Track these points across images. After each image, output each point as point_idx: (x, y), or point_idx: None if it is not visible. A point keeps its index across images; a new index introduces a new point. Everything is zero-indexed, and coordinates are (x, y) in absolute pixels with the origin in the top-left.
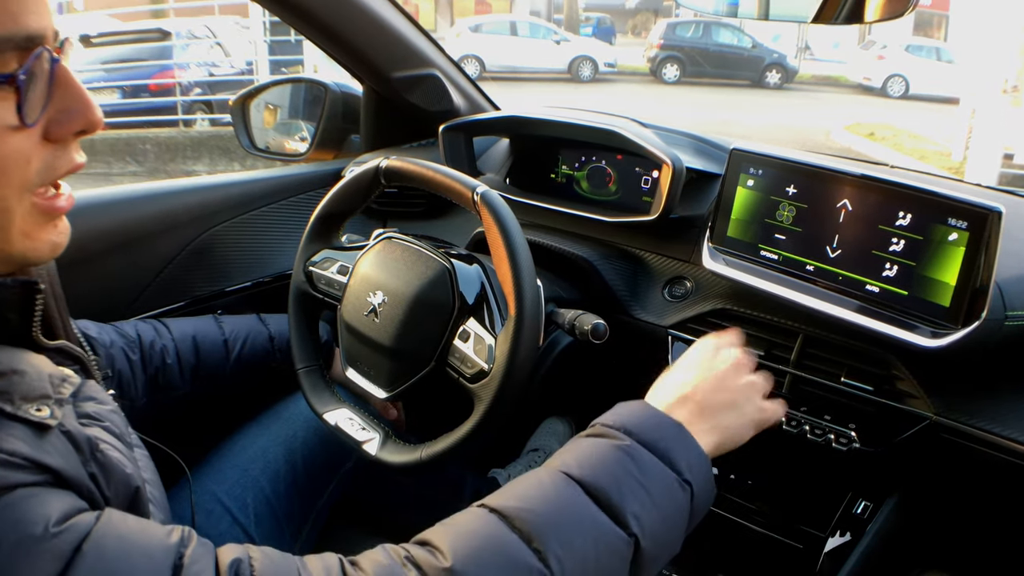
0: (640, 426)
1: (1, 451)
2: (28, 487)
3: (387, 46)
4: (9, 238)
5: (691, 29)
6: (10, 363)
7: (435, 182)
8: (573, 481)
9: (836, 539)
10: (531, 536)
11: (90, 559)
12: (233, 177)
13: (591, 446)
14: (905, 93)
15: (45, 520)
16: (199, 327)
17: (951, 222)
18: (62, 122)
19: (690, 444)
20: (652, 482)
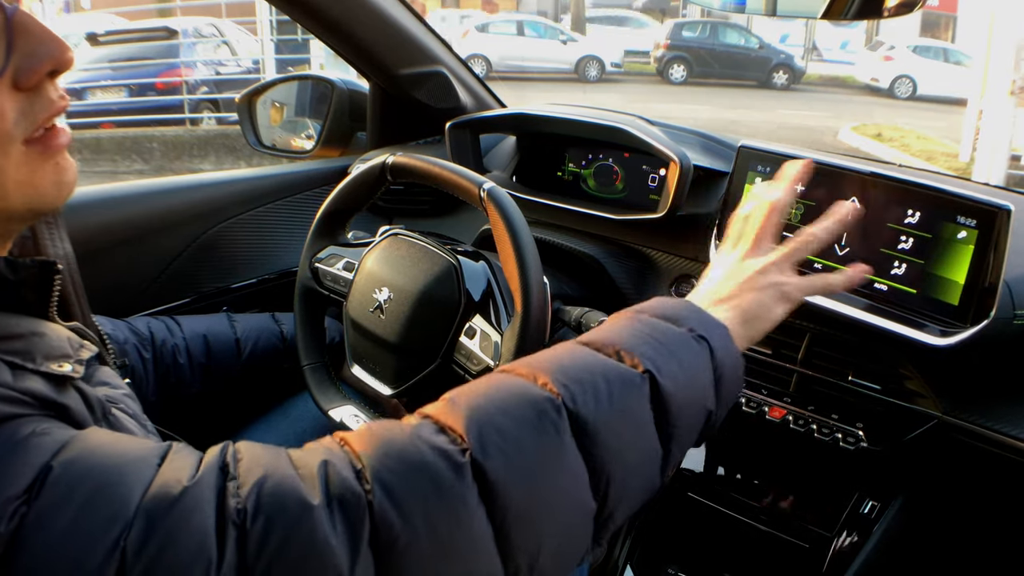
0: (650, 305)
1: (14, 388)
2: (31, 417)
3: (394, 43)
4: (6, 193)
5: (698, 29)
6: (29, 327)
7: (442, 179)
8: (580, 344)
9: (843, 539)
10: (536, 375)
11: (77, 447)
12: (239, 174)
13: (608, 323)
14: (912, 94)
15: (32, 427)
16: (211, 325)
17: (960, 220)
18: (30, 67)
19: (701, 312)
20: (661, 335)
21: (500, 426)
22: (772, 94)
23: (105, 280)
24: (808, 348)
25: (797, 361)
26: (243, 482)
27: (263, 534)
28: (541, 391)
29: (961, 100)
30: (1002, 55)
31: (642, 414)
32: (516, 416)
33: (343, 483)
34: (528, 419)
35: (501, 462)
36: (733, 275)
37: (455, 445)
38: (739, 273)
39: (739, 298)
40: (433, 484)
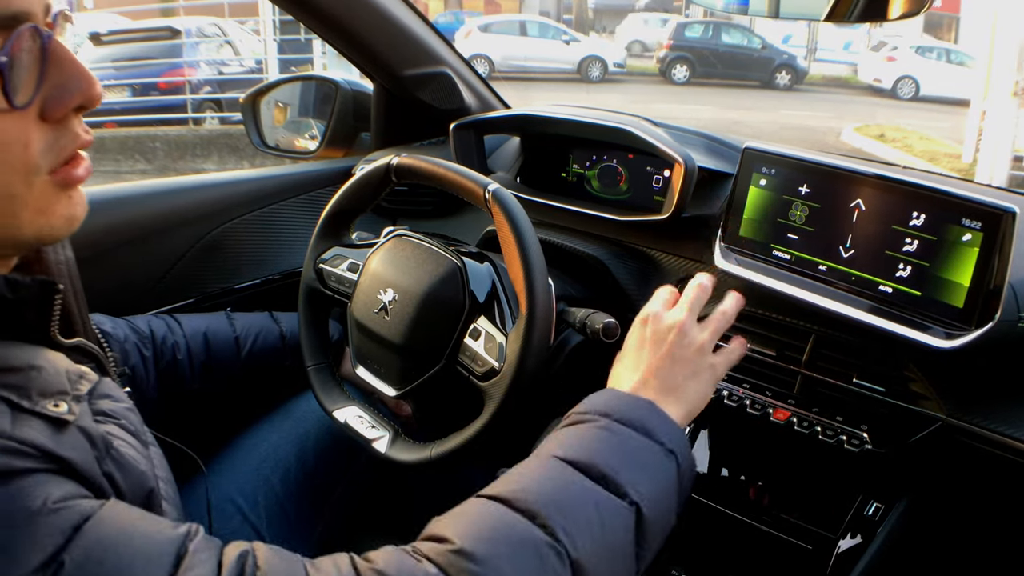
0: (613, 407)
1: (13, 439)
2: (34, 473)
3: (398, 44)
4: (19, 223)
5: (701, 30)
6: (27, 359)
7: (446, 180)
8: (563, 462)
9: (847, 541)
10: (535, 513)
11: (90, 538)
12: (244, 174)
13: (572, 432)
14: (915, 95)
15: (45, 496)
16: (211, 323)
17: (965, 222)
18: (59, 99)
19: (662, 416)
20: (639, 453)
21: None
22: (775, 95)
23: (109, 280)
24: (812, 350)
25: (801, 363)
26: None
27: None
28: (543, 536)
29: (964, 101)
30: (1005, 56)
31: (627, 544)
32: (523, 568)
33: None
34: (534, 569)
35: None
36: (666, 345)
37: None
38: (673, 344)
39: (685, 386)
40: None
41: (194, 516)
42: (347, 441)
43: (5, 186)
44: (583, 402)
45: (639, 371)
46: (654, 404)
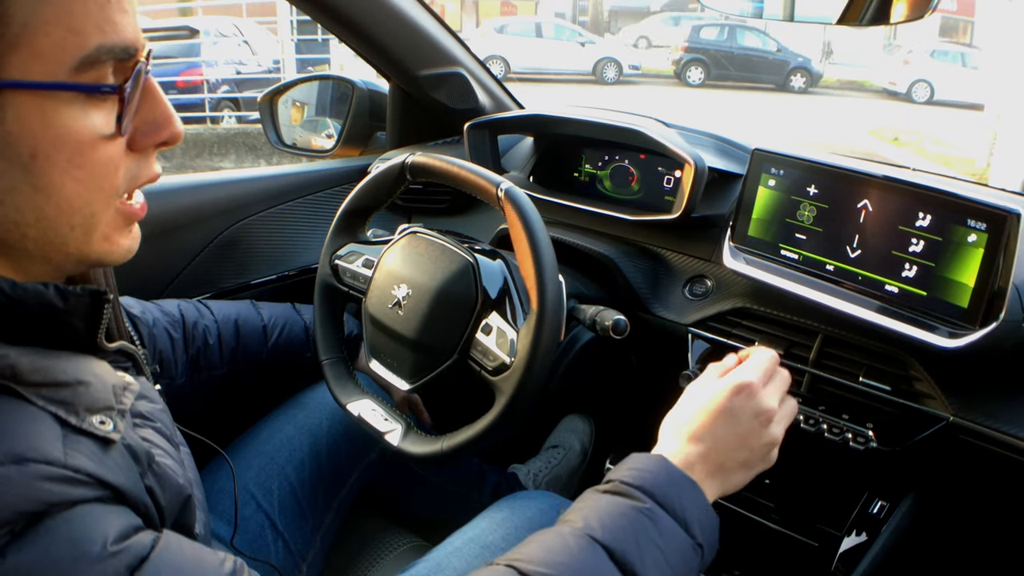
0: (657, 486)
1: (67, 467)
2: (89, 503)
3: (414, 44)
4: (90, 241)
5: (716, 32)
6: (76, 373)
7: (460, 178)
8: (598, 545)
9: (852, 538)
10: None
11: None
12: (261, 172)
13: (614, 507)
14: (930, 98)
15: (103, 538)
16: (240, 311)
17: (970, 223)
18: (147, 133)
19: (703, 506)
20: (670, 548)
21: None
22: (789, 97)
23: (128, 276)
24: (820, 349)
25: (809, 362)
26: None
27: None
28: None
29: (979, 105)
30: (1020, 59)
31: None
32: None
33: None
34: None
35: None
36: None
37: None
38: (743, 428)
39: (734, 474)
40: None
41: (213, 505)
42: (360, 433)
43: (90, 204)
44: (630, 464)
45: (703, 442)
46: (699, 490)
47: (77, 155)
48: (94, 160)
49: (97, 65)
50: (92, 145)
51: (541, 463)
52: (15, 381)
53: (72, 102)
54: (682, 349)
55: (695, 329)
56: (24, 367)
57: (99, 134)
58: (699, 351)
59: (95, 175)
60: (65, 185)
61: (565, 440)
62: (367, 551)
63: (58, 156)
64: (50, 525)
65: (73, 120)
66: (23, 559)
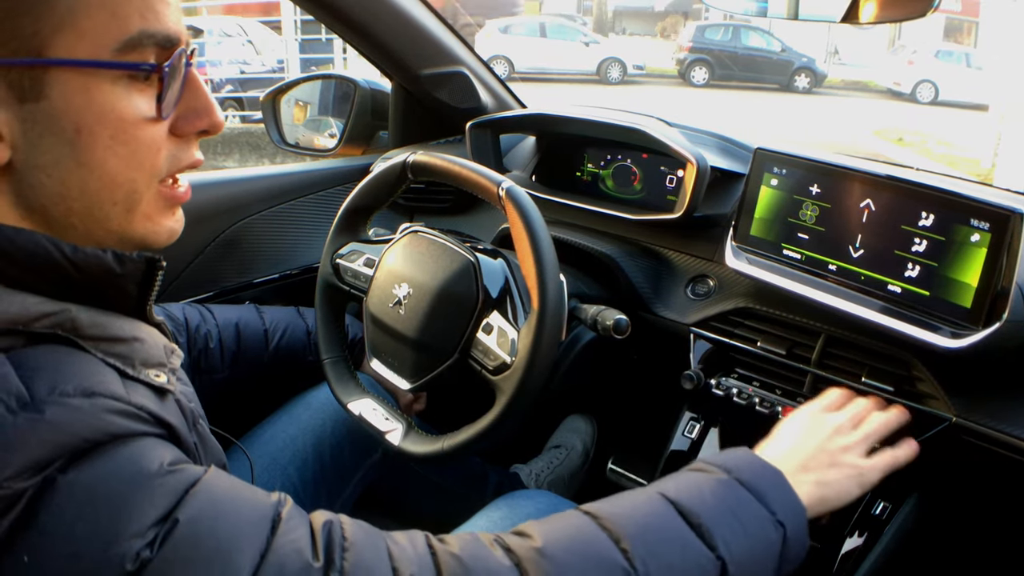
0: (739, 466)
1: (131, 403)
2: (149, 437)
3: (416, 43)
4: (132, 220)
5: (720, 32)
6: (131, 331)
7: (461, 177)
8: (666, 500)
9: (854, 539)
10: (620, 536)
11: (199, 500)
12: (263, 170)
13: (691, 476)
14: (935, 99)
15: (160, 460)
16: (242, 315)
17: (973, 223)
18: (189, 119)
19: (786, 489)
20: (745, 514)
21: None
22: (793, 97)
23: None
24: (822, 349)
25: (811, 362)
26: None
27: None
28: (621, 560)
29: (983, 105)
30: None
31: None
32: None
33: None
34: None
35: None
36: (815, 434)
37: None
38: (821, 434)
39: (823, 472)
40: None
41: None
42: (362, 433)
43: (132, 182)
44: (715, 454)
45: (781, 448)
46: (783, 476)
47: (120, 132)
48: (137, 139)
49: (139, 48)
50: (135, 124)
51: (543, 463)
52: (76, 335)
53: (116, 82)
54: (684, 349)
55: (697, 329)
56: (84, 322)
57: (142, 115)
58: (701, 351)
59: (137, 153)
60: (108, 161)
61: (567, 440)
62: None
63: (102, 132)
64: (111, 451)
65: (116, 99)
66: (86, 473)
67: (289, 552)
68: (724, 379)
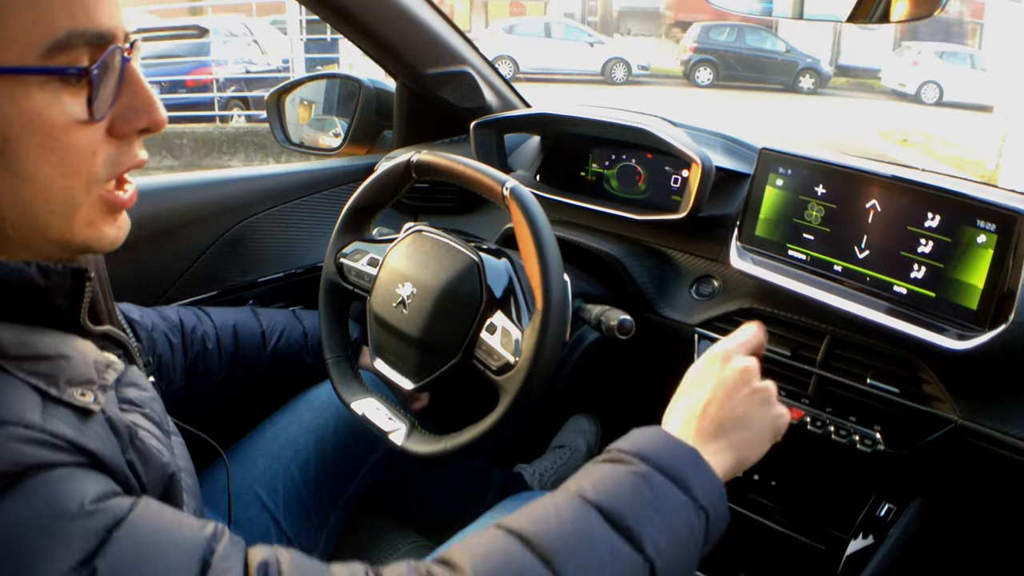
0: (655, 452)
1: (44, 431)
2: (67, 467)
3: (421, 43)
4: (72, 227)
5: (725, 33)
6: (57, 348)
7: (465, 176)
8: (590, 505)
9: (859, 541)
10: (549, 558)
11: (123, 543)
12: (267, 170)
13: (607, 471)
14: (939, 100)
15: (81, 498)
16: (239, 317)
17: (980, 224)
18: (128, 119)
19: (704, 469)
20: (667, 507)
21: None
22: (798, 98)
23: (134, 273)
24: (827, 350)
25: (816, 363)
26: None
27: None
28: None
29: (988, 106)
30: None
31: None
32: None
33: None
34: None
35: None
36: (723, 385)
37: None
38: (729, 385)
39: (737, 433)
40: None
41: (215, 503)
42: (365, 433)
43: (68, 190)
44: (627, 436)
45: (692, 409)
46: (699, 455)
47: (50, 139)
48: (68, 145)
49: (68, 50)
50: (65, 129)
51: (547, 463)
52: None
53: (44, 86)
54: (689, 349)
55: (702, 329)
56: (5, 340)
57: (73, 119)
58: (705, 352)
59: (70, 160)
60: (40, 169)
61: (571, 440)
62: (372, 551)
63: (31, 140)
64: (28, 486)
65: (45, 104)
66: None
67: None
68: None
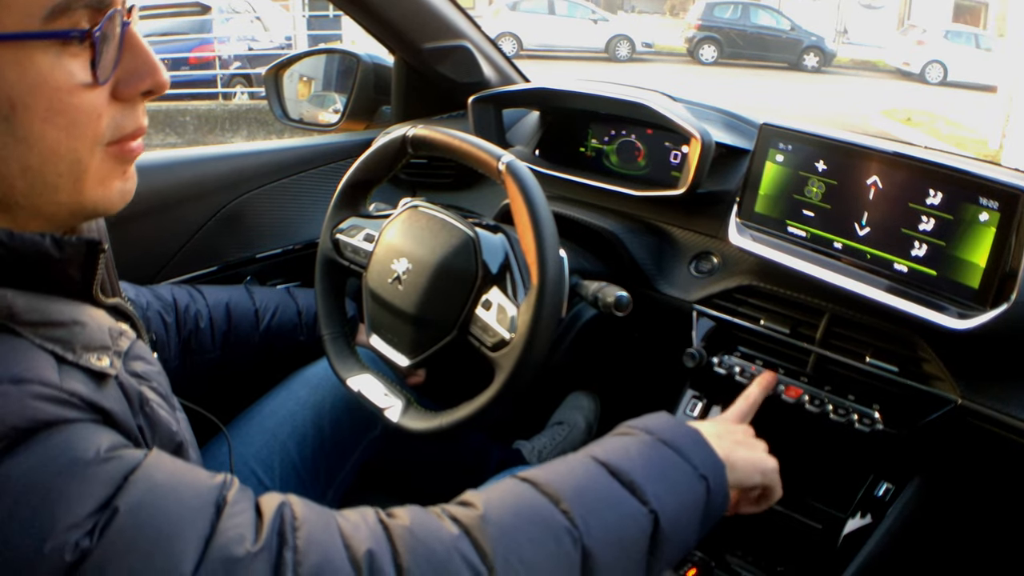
0: (661, 428)
1: (62, 390)
2: (82, 423)
3: (419, 17)
4: (82, 188)
5: (730, 10)
6: (72, 314)
7: (461, 151)
8: (599, 463)
9: (856, 521)
10: (559, 498)
11: (139, 487)
12: (264, 145)
13: (617, 439)
14: (943, 79)
15: (96, 447)
16: (232, 295)
17: (982, 202)
18: (130, 82)
19: (706, 447)
20: (671, 470)
21: (524, 558)
22: (802, 76)
23: (132, 249)
24: (826, 328)
25: (815, 341)
26: (300, 560)
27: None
28: (563, 520)
29: (992, 86)
30: None
31: (639, 546)
32: (539, 546)
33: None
34: (549, 550)
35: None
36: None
37: (486, 569)
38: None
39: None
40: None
41: None
42: (362, 410)
43: (73, 151)
44: (636, 419)
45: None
46: (700, 433)
47: (56, 103)
48: (74, 108)
49: (69, 13)
50: (70, 93)
51: (546, 439)
52: (12, 320)
53: (47, 51)
54: (687, 327)
55: (700, 306)
56: (21, 307)
57: (77, 82)
58: (704, 329)
59: (76, 123)
60: (46, 134)
61: (570, 417)
62: None
63: (37, 105)
64: (44, 439)
65: (49, 69)
66: (19, 465)
67: (234, 536)
68: (726, 357)
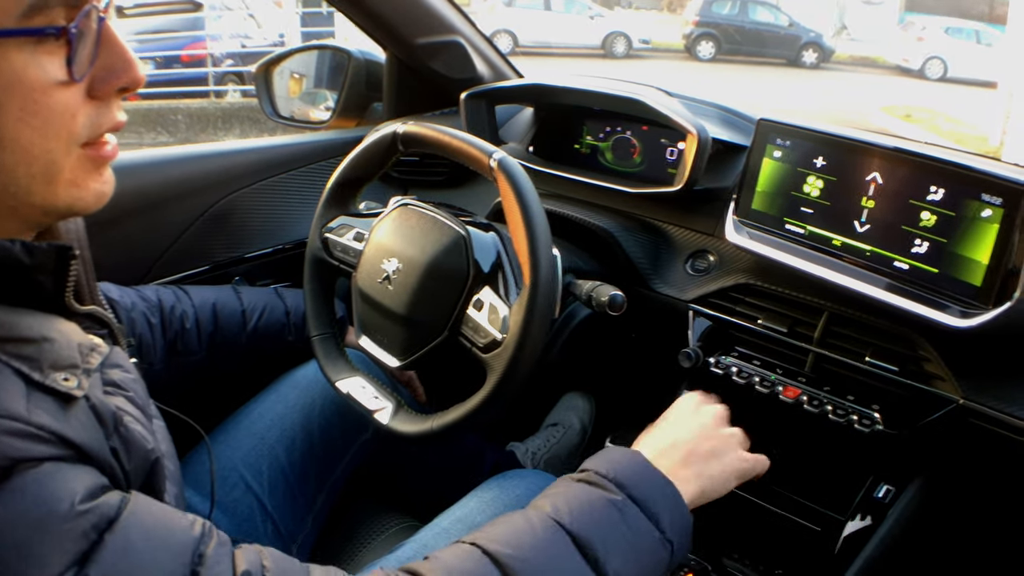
0: (632, 480)
1: (29, 423)
2: (53, 461)
3: (411, 12)
4: (55, 190)
5: (727, 6)
6: (40, 330)
7: (452, 147)
8: (563, 530)
9: (856, 523)
10: (512, 570)
11: (114, 546)
12: (254, 143)
13: (584, 494)
14: (943, 75)
15: (71, 497)
16: (219, 296)
17: (985, 198)
18: (106, 79)
19: (676, 501)
20: (637, 539)
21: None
22: (801, 73)
23: (119, 249)
24: (825, 327)
25: (813, 340)
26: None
27: None
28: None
29: (992, 82)
30: None
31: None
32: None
33: None
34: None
35: None
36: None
37: None
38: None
39: (705, 463)
40: None
41: (199, 486)
42: (352, 412)
43: (48, 152)
44: (604, 456)
45: (668, 440)
46: (671, 484)
47: (30, 102)
48: (49, 107)
49: (45, 11)
50: (45, 92)
51: (540, 441)
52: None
53: (21, 49)
54: (683, 326)
55: (696, 306)
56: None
57: (52, 80)
58: (700, 328)
59: (51, 122)
60: (21, 133)
61: (564, 418)
62: (359, 532)
63: (11, 104)
64: (17, 482)
65: (23, 67)
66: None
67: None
68: (723, 357)
